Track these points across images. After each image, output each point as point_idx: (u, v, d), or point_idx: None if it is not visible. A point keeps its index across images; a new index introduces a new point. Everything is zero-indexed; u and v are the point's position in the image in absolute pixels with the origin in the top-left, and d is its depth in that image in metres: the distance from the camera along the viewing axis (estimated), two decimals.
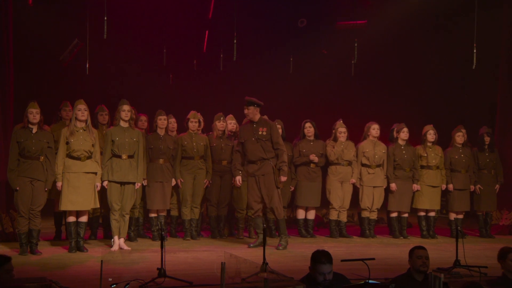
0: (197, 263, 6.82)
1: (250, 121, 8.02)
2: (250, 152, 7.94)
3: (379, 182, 9.05)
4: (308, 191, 8.90)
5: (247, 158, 8.00)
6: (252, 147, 7.91)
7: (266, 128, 7.92)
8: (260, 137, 7.90)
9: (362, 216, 9.15)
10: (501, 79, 11.05)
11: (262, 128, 7.92)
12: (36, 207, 7.19)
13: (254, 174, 7.91)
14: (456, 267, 6.44)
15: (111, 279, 5.30)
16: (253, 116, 7.95)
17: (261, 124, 7.98)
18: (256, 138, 7.89)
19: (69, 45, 10.36)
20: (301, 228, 9.08)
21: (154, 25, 11.77)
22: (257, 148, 7.89)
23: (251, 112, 7.93)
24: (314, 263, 4.64)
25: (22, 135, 7.14)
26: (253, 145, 7.91)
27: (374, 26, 11.94)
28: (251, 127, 7.99)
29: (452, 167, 9.24)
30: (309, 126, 8.99)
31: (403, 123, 9.22)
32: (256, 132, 7.91)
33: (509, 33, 10.84)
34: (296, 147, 8.94)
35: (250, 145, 7.92)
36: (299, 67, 12.63)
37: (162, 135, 8.32)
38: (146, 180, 8.13)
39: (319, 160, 8.88)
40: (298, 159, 8.92)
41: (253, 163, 7.94)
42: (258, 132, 7.91)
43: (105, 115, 8.27)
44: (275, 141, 7.93)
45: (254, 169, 7.92)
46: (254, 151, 7.90)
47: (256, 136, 7.90)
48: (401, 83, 13.17)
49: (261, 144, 7.89)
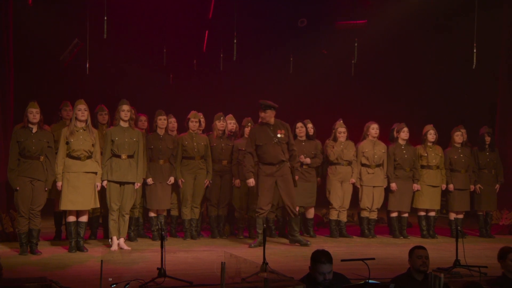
0: (197, 263, 6.82)
1: (266, 124, 8.07)
2: (270, 155, 8.00)
3: (378, 182, 9.05)
4: (303, 191, 8.87)
5: (265, 160, 8.03)
6: (272, 150, 8.00)
7: (284, 130, 8.08)
8: (280, 139, 8.02)
9: (361, 216, 9.15)
10: (501, 79, 11.05)
11: (280, 131, 8.05)
12: (36, 207, 7.19)
13: (273, 175, 7.98)
14: (456, 267, 6.43)
15: (111, 279, 5.31)
16: (270, 119, 8.07)
17: (278, 126, 8.10)
18: (277, 141, 7.99)
19: (69, 45, 10.37)
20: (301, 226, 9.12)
21: (154, 25, 11.77)
22: (278, 151, 8.00)
23: (268, 116, 8.05)
24: (314, 263, 4.65)
25: (22, 135, 7.14)
26: (273, 147, 8.00)
27: (374, 26, 11.93)
28: (267, 129, 8.05)
29: (452, 167, 9.24)
30: (300, 126, 8.95)
31: (403, 123, 9.22)
32: (275, 135, 8.00)
33: (509, 33, 10.84)
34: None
35: (270, 148, 8.00)
36: (299, 67, 12.63)
37: (162, 135, 8.32)
38: (151, 179, 8.14)
39: (312, 161, 8.86)
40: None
41: (272, 165, 8.00)
42: (277, 134, 8.00)
43: (105, 115, 8.26)
44: (291, 143, 8.13)
45: (273, 170, 8.00)
46: (275, 154, 7.99)
47: (276, 139, 7.99)
48: (401, 83, 13.17)
49: (281, 146, 8.02)
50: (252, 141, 8.09)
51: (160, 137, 8.29)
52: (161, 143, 8.26)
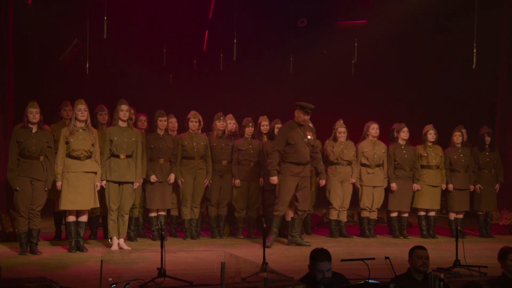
0: (197, 263, 6.82)
1: (297, 124, 8.12)
2: (300, 154, 8.05)
3: (378, 182, 9.05)
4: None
5: (295, 159, 8.05)
6: (303, 150, 8.07)
7: (311, 133, 8.18)
8: (309, 141, 8.14)
9: (361, 216, 9.15)
10: (501, 79, 11.05)
11: (309, 133, 8.14)
12: (36, 207, 7.18)
13: (298, 175, 8.05)
14: (456, 267, 6.44)
15: (111, 279, 5.31)
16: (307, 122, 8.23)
17: (307, 128, 8.19)
18: (307, 142, 8.10)
19: (69, 45, 10.36)
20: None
21: (154, 25, 11.76)
22: (307, 152, 8.12)
23: (308, 118, 8.18)
24: (313, 261, 4.67)
25: (22, 135, 7.14)
26: (304, 148, 8.07)
27: (374, 26, 11.93)
28: (298, 129, 8.11)
29: (452, 167, 9.24)
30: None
31: (403, 123, 9.22)
32: (305, 136, 8.09)
33: (509, 33, 10.84)
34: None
35: (302, 147, 8.06)
36: (299, 67, 12.63)
37: (162, 135, 8.32)
38: (154, 176, 8.16)
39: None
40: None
41: (300, 164, 8.06)
42: (306, 136, 8.10)
43: (105, 115, 8.26)
44: (315, 145, 8.27)
45: (299, 170, 8.06)
46: (305, 154, 8.08)
47: (306, 140, 8.09)
48: (401, 83, 13.17)
49: (309, 148, 8.14)
50: (283, 140, 8.09)
51: (160, 137, 8.29)
52: (161, 142, 8.26)
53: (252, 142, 8.74)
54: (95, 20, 9.41)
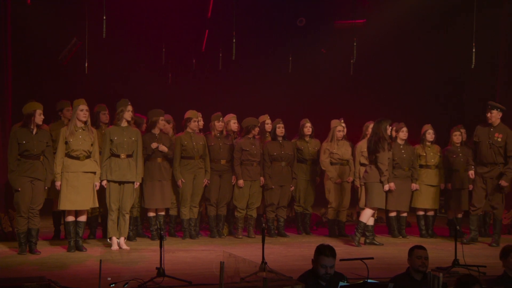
0: (196, 262, 6.82)
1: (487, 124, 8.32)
2: (483, 155, 8.28)
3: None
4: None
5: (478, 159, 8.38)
6: (486, 151, 8.25)
7: (502, 135, 8.23)
8: (495, 142, 8.22)
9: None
10: (500, 78, 11.04)
11: (499, 134, 8.23)
12: (35, 206, 7.18)
13: (483, 175, 8.32)
14: (455, 267, 6.44)
15: (110, 279, 5.31)
16: (495, 120, 8.29)
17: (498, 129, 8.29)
18: (490, 143, 8.23)
19: (68, 44, 10.34)
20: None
21: (153, 25, 11.76)
22: (490, 153, 8.25)
23: (494, 116, 8.27)
24: (318, 255, 4.69)
25: (23, 136, 7.09)
26: (487, 148, 8.25)
27: (373, 25, 11.94)
28: (488, 130, 8.30)
29: (451, 167, 9.24)
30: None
31: (402, 123, 9.21)
32: (492, 136, 8.23)
33: (509, 33, 10.83)
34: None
35: (484, 147, 8.27)
36: (298, 66, 12.60)
37: (158, 134, 8.30)
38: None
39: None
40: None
41: (484, 165, 8.30)
42: (494, 137, 8.22)
43: (107, 114, 8.26)
44: (509, 149, 8.25)
45: (484, 171, 8.32)
46: (487, 155, 8.25)
47: (491, 141, 8.22)
48: (400, 82, 13.17)
49: (493, 149, 8.24)
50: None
51: (156, 136, 8.27)
52: (158, 141, 8.24)
53: (255, 142, 8.73)
54: (94, 19, 9.38)
